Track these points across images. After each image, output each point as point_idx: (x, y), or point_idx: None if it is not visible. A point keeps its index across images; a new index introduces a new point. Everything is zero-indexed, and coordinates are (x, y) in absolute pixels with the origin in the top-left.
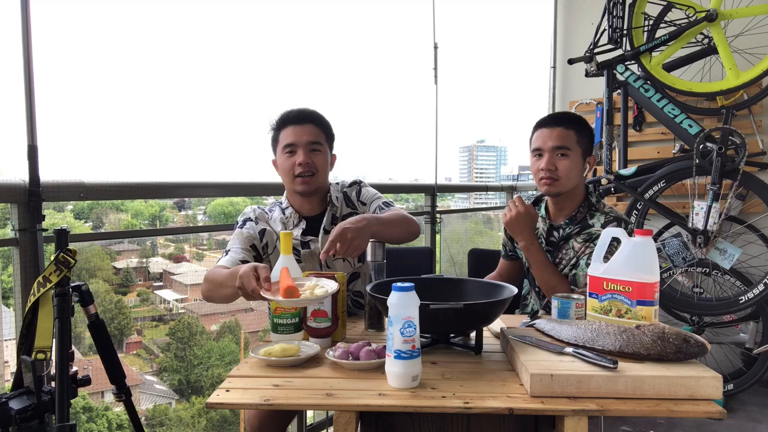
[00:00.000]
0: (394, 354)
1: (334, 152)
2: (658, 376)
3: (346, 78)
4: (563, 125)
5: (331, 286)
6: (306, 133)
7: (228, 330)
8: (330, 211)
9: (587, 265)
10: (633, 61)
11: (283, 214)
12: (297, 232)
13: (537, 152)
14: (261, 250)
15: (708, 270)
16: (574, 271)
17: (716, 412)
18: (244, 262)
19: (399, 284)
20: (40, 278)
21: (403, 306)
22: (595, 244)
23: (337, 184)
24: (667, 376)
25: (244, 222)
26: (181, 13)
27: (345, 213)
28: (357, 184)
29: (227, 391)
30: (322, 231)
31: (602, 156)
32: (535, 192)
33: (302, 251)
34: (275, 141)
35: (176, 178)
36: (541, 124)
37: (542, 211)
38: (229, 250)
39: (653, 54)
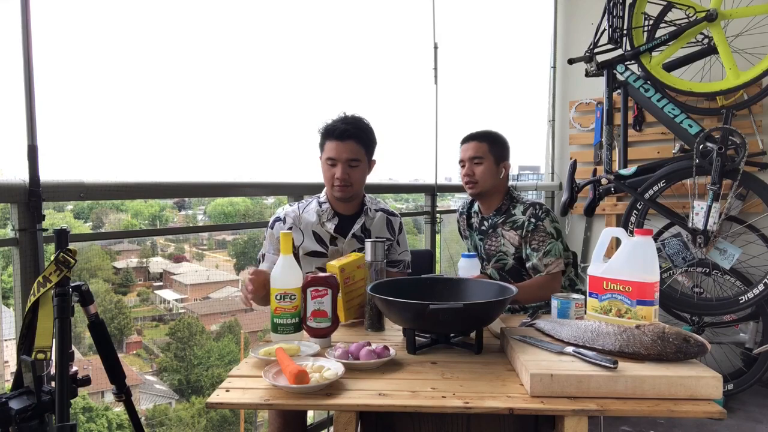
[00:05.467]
0: None
1: (373, 158)
2: (658, 376)
3: (345, 77)
4: (477, 140)
5: (337, 368)
6: (346, 151)
7: (228, 330)
8: (363, 219)
9: (533, 250)
10: (633, 61)
11: (320, 207)
12: (330, 226)
13: (461, 163)
14: (293, 247)
15: (708, 270)
16: (529, 263)
17: (716, 412)
18: None
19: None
20: (40, 278)
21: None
22: (526, 231)
23: (373, 198)
24: (667, 376)
25: (274, 223)
26: (181, 14)
27: (381, 236)
28: (399, 219)
29: (227, 391)
30: (350, 235)
31: (602, 156)
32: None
33: (330, 247)
34: (321, 146)
35: (176, 178)
36: (462, 141)
37: (476, 208)
38: (264, 254)
39: (653, 54)
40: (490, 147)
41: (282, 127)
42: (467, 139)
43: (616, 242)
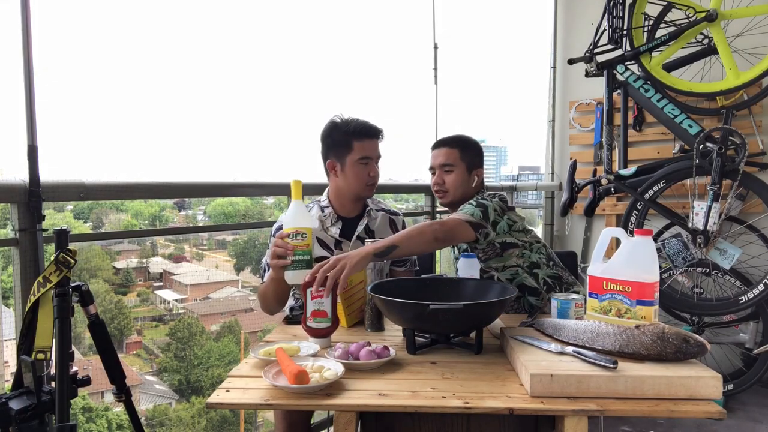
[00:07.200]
0: None
1: None
2: (658, 376)
3: (345, 78)
4: (447, 146)
5: (337, 368)
6: (377, 149)
7: (228, 330)
8: (366, 221)
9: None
10: (633, 61)
11: (322, 212)
12: (335, 231)
13: (431, 170)
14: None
15: (708, 270)
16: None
17: (716, 412)
18: None
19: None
20: (40, 278)
21: None
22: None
23: (373, 199)
24: (667, 376)
25: (277, 231)
26: (182, 15)
27: (385, 236)
28: (401, 218)
29: (227, 391)
30: (355, 238)
31: (602, 156)
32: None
33: (335, 251)
34: (346, 146)
35: (176, 178)
36: (432, 147)
37: None
38: (269, 263)
39: (653, 54)
40: (461, 153)
41: (281, 127)
42: (437, 145)
43: (616, 242)
